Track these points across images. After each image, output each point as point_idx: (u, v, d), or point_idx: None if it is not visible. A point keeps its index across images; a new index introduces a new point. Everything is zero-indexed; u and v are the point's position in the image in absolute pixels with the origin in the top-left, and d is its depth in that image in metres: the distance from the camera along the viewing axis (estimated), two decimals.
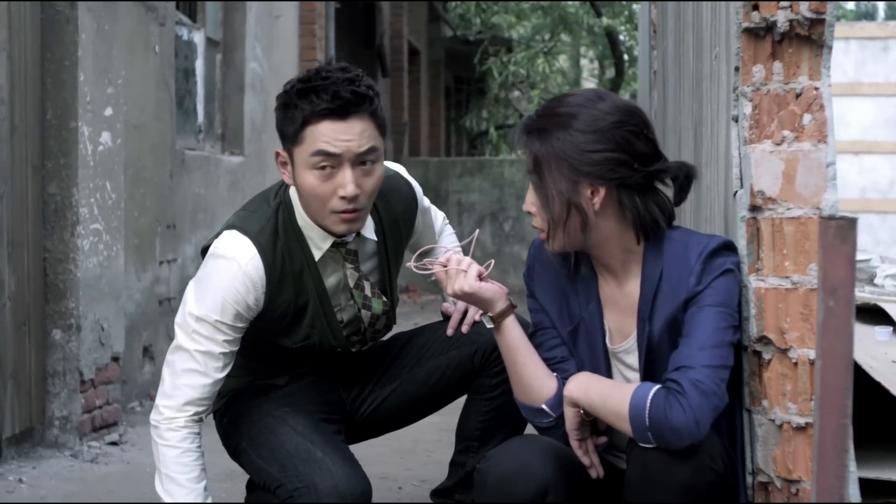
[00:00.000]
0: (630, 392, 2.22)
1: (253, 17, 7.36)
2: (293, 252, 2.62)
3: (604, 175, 2.27)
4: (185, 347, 2.59)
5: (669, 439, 2.17)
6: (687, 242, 2.32)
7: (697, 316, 2.26)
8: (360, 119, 2.48)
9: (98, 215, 4.61)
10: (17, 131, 4.18)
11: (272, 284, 2.60)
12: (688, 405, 2.16)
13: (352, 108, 2.46)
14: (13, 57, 4.13)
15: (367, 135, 2.49)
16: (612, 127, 2.28)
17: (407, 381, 2.89)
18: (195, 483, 2.61)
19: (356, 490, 2.54)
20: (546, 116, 2.33)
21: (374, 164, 2.53)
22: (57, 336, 4.46)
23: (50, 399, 4.46)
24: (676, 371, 2.21)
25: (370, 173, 2.52)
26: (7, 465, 4.17)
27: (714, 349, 2.23)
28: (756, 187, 2.31)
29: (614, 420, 2.25)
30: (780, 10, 2.30)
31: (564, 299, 2.44)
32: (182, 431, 2.60)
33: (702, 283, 2.27)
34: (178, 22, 6.33)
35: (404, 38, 13.31)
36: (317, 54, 8.51)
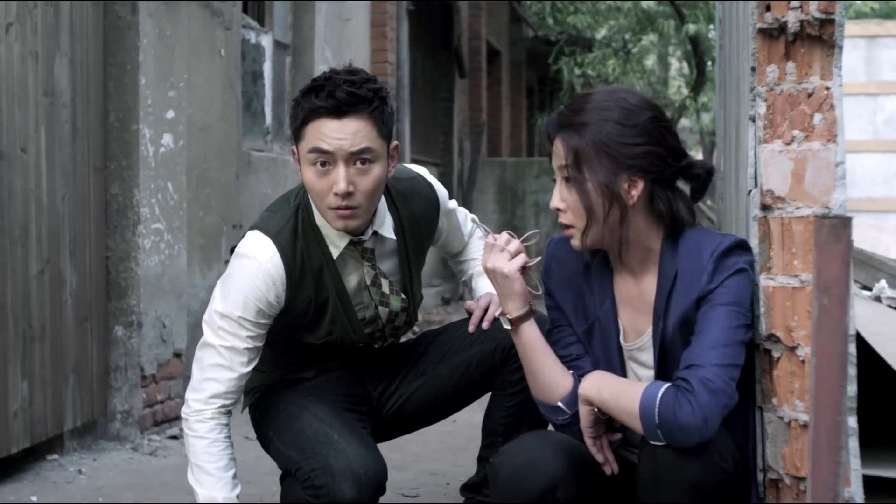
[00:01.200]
0: (641, 390, 2.25)
1: (322, 20, 7.47)
2: (312, 251, 2.70)
3: (643, 168, 2.31)
4: (211, 344, 2.69)
5: (678, 437, 2.19)
6: (701, 241, 2.34)
7: (709, 314, 2.28)
8: (357, 119, 2.55)
9: (160, 215, 4.74)
10: (80, 134, 4.31)
11: (292, 282, 2.68)
12: (696, 403, 2.18)
13: (347, 108, 2.53)
14: (75, 62, 4.27)
15: (362, 135, 2.56)
16: (648, 121, 2.32)
17: (432, 377, 2.95)
18: (223, 472, 2.70)
19: (370, 470, 2.60)
20: (580, 112, 2.36)
21: (371, 164, 2.58)
22: (119, 332, 4.60)
23: (112, 393, 4.60)
24: (687, 369, 2.23)
25: (365, 173, 2.58)
26: (69, 456, 4.31)
27: (724, 348, 2.24)
28: (765, 186, 2.32)
29: (626, 418, 2.28)
30: (790, 11, 2.31)
31: (580, 297, 2.47)
32: (209, 423, 2.70)
33: (713, 281, 2.29)
34: (246, 26, 6.45)
35: (482, 38, 13.35)
36: (388, 56, 8.60)
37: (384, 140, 2.61)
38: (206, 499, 2.70)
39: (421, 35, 11.16)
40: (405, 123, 9.00)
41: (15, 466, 4.04)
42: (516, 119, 17.08)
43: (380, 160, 2.61)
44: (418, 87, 11.11)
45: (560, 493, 2.33)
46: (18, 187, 3.90)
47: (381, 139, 2.60)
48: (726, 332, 2.25)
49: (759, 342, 2.34)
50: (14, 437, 3.89)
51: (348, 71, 2.61)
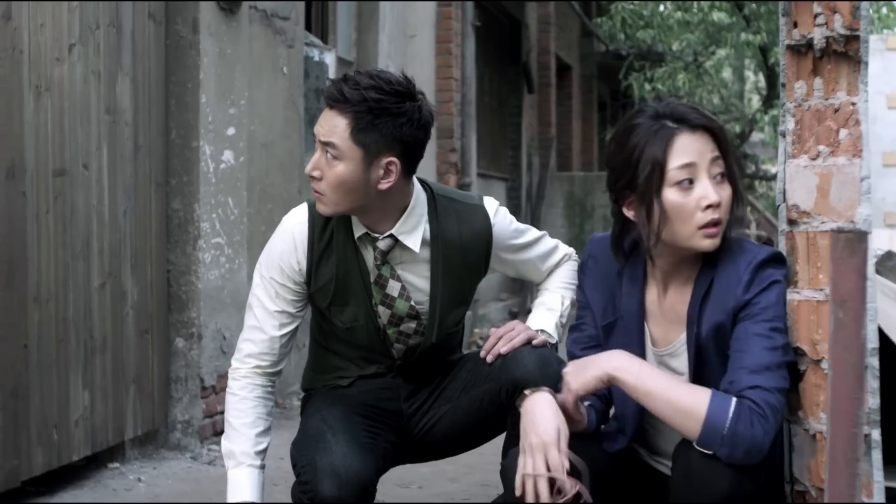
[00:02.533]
0: (703, 394, 2.23)
1: (386, 37, 7.57)
2: (342, 231, 2.80)
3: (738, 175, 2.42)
4: (250, 304, 2.87)
5: (741, 454, 2.19)
6: (737, 252, 2.36)
7: (755, 331, 2.28)
8: (337, 114, 2.65)
9: (220, 230, 4.85)
10: (141, 150, 4.44)
11: (314, 251, 2.79)
12: (768, 427, 2.20)
13: (332, 103, 2.66)
14: (137, 81, 4.39)
15: (332, 130, 2.66)
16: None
17: (455, 405, 2.95)
18: (248, 428, 2.82)
19: (350, 470, 2.63)
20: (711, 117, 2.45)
21: (336, 160, 2.65)
22: (179, 344, 4.71)
23: (173, 404, 4.72)
24: (753, 390, 2.22)
25: (330, 165, 2.66)
26: (130, 464, 4.43)
27: (779, 370, 2.27)
28: (791, 201, 2.35)
29: (675, 416, 2.24)
30: (816, 28, 2.34)
31: (611, 297, 2.51)
32: (242, 381, 2.84)
33: (749, 292, 2.31)
34: (309, 44, 6.57)
35: (552, 53, 13.38)
36: (453, 72, 8.68)
37: (358, 145, 2.65)
38: (225, 450, 2.83)
39: (489, 51, 11.23)
40: (471, 139, 9.07)
41: (77, 474, 4.17)
42: (587, 133, 17.08)
43: (345, 160, 2.65)
44: (486, 102, 11.18)
45: None
46: (81, 203, 4.02)
47: (352, 143, 2.64)
48: (776, 354, 2.27)
49: None
50: (75, 445, 4.01)
51: (372, 74, 2.69)
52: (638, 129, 2.37)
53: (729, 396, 2.23)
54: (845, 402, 1.99)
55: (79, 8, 4.00)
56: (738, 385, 2.25)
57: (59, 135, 3.89)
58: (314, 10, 6.90)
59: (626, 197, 2.40)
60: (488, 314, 9.88)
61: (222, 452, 2.86)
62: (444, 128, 8.66)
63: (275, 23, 5.67)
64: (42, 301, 3.80)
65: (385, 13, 7.57)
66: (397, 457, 2.98)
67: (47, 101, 3.82)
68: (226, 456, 2.84)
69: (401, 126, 2.65)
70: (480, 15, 10.21)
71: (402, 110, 2.65)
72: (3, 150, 3.60)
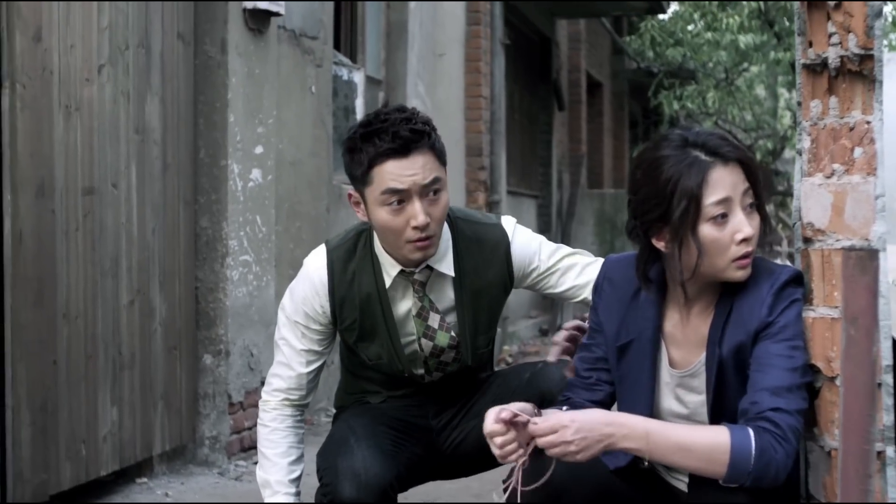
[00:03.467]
0: (725, 435, 2.22)
1: (415, 56, 7.62)
2: (365, 274, 2.81)
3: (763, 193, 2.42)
4: (277, 342, 2.91)
5: (769, 481, 2.20)
6: (760, 273, 2.36)
7: (776, 350, 2.28)
8: (421, 154, 2.63)
9: (248, 247, 4.90)
10: (170, 169, 4.50)
11: (336, 296, 2.81)
12: (790, 449, 2.21)
13: (412, 145, 2.61)
14: (166, 100, 4.45)
15: (428, 167, 2.64)
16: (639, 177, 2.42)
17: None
18: (281, 458, 2.88)
19: (370, 472, 2.67)
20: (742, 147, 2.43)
21: (439, 192, 2.68)
22: (207, 360, 4.76)
23: (200, 420, 4.76)
24: (774, 412, 2.22)
25: (436, 202, 2.67)
26: (157, 479, 4.48)
27: (799, 391, 2.26)
28: (806, 219, 2.36)
29: (699, 464, 2.23)
30: (830, 47, 2.35)
31: (624, 319, 2.50)
32: (272, 413, 2.91)
33: (773, 313, 2.31)
34: (338, 63, 6.63)
35: (582, 71, 13.41)
36: (482, 90, 8.71)
37: (444, 166, 2.71)
38: (261, 480, 2.90)
39: (519, 68, 11.27)
40: (501, 157, 9.09)
41: (105, 488, 4.22)
42: (619, 150, 17.07)
43: (445, 187, 2.71)
44: (516, 120, 11.20)
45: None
46: (110, 221, 4.08)
47: (442, 167, 2.70)
48: (796, 374, 2.27)
49: None
50: (104, 460, 4.06)
51: (397, 109, 2.70)
52: (668, 160, 2.32)
53: (746, 429, 2.22)
54: (857, 419, 2.00)
55: (108, 29, 4.06)
56: (759, 406, 2.25)
57: (88, 154, 3.95)
58: (343, 30, 6.96)
59: (658, 230, 2.37)
60: (518, 331, 9.89)
61: (258, 482, 2.91)
62: (473, 146, 8.69)
63: (303, 42, 5.72)
64: (71, 317, 3.85)
65: (414, 32, 7.62)
66: (423, 470, 3.00)
67: (77, 120, 3.88)
68: (261, 486, 2.89)
69: (439, 142, 2.72)
70: (510, 33, 10.24)
71: (434, 127, 2.71)
72: (34, 168, 3.66)
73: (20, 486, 3.60)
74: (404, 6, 7.53)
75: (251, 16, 4.89)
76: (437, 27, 8.10)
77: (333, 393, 3.26)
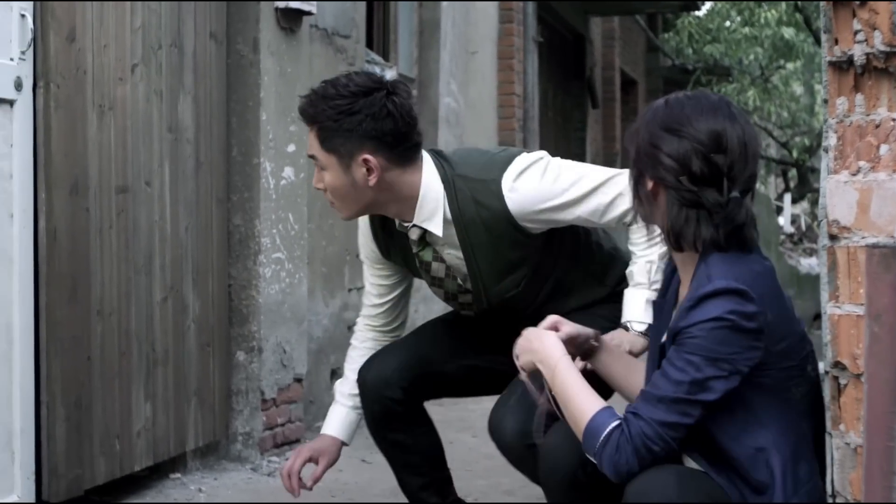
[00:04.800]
0: (595, 409, 2.34)
1: (447, 54, 7.64)
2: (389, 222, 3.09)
3: (654, 173, 2.36)
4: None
5: (610, 473, 2.30)
6: (711, 272, 2.32)
7: (673, 359, 2.28)
8: (310, 130, 2.91)
9: (280, 245, 4.94)
10: (203, 168, 4.54)
11: (380, 241, 3.13)
12: (631, 459, 2.26)
13: (302, 120, 2.94)
14: (198, 99, 4.50)
15: (311, 144, 2.91)
16: (679, 136, 2.35)
17: None
18: (352, 373, 3.28)
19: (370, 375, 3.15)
20: (664, 102, 2.44)
21: (321, 170, 2.91)
22: (240, 357, 4.79)
23: (234, 416, 4.80)
24: (634, 416, 2.28)
25: (322, 177, 2.92)
26: (191, 475, 4.52)
27: (674, 405, 2.26)
28: (831, 216, 2.36)
29: (570, 419, 2.40)
30: (856, 44, 2.35)
31: (664, 289, 2.59)
32: (357, 333, 3.35)
33: (686, 319, 2.28)
34: (370, 61, 6.65)
35: (616, 68, 13.39)
36: (515, 88, 8.72)
37: (331, 153, 2.86)
38: (336, 390, 3.34)
39: (553, 66, 11.27)
40: None
41: (139, 484, 4.26)
42: None
43: (328, 169, 2.88)
44: (549, 117, 11.21)
45: (590, 468, 2.40)
46: (143, 219, 4.12)
47: (326, 152, 2.86)
48: (679, 388, 2.26)
49: (827, 369, 2.38)
50: (137, 455, 4.11)
51: (329, 82, 2.89)
52: None
53: (614, 417, 2.30)
54: (881, 416, 2.01)
55: (141, 29, 4.11)
56: (632, 406, 2.32)
57: (121, 152, 3.99)
58: (375, 28, 6.99)
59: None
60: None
61: None
62: (506, 143, 8.70)
63: (335, 41, 5.76)
64: (105, 314, 3.90)
65: (446, 30, 7.65)
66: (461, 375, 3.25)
67: (110, 119, 3.93)
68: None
69: (361, 123, 2.80)
70: (543, 31, 10.25)
71: (356, 108, 2.80)
72: (68, 167, 3.71)
73: (55, 481, 3.65)
74: (437, 5, 7.56)
75: (283, 15, 4.93)
76: (469, 25, 8.12)
77: None
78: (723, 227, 2.36)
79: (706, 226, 2.36)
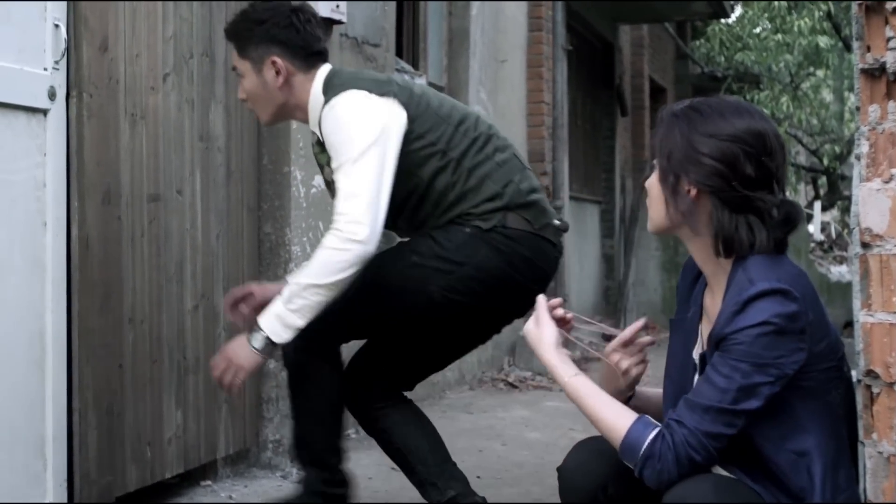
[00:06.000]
0: (626, 425, 2.31)
1: (477, 63, 7.65)
2: None
3: (699, 179, 2.34)
4: None
5: (653, 482, 2.28)
6: (744, 279, 2.30)
7: (720, 366, 2.26)
8: (232, 45, 3.43)
9: (311, 253, 4.92)
10: (233, 176, 4.56)
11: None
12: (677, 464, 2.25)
13: (228, 38, 3.47)
14: (229, 108, 4.52)
15: (232, 57, 3.44)
16: (727, 140, 2.34)
17: None
18: None
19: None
20: (688, 108, 2.41)
21: (242, 78, 3.38)
22: (271, 365, 4.80)
23: (264, 424, 4.82)
24: (679, 424, 2.26)
25: (243, 86, 3.40)
26: (222, 482, 4.54)
27: (720, 415, 2.24)
28: (864, 224, 2.35)
29: (603, 431, 2.37)
30: (888, 51, 2.34)
31: (684, 302, 2.55)
32: None
33: (732, 325, 2.26)
34: (400, 69, 6.67)
35: (645, 76, 13.36)
36: (544, 96, 8.72)
37: (245, 59, 3.35)
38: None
39: (582, 74, 11.27)
40: (563, 162, 9.09)
41: (170, 491, 4.28)
42: None
43: (246, 75, 3.36)
44: (579, 125, 11.20)
45: (611, 490, 2.43)
46: (174, 227, 4.15)
47: (242, 59, 3.36)
48: (728, 396, 2.24)
49: (860, 378, 2.36)
50: (168, 462, 4.13)
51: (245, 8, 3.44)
52: None
53: (651, 427, 2.29)
54: None
55: (173, 39, 4.14)
56: (673, 413, 2.30)
57: (153, 161, 4.02)
58: (405, 37, 7.01)
59: None
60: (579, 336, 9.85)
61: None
62: (536, 151, 8.70)
63: (365, 49, 5.77)
64: (137, 322, 3.92)
65: (476, 39, 7.66)
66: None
67: (142, 128, 3.95)
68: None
69: (268, 30, 3.30)
70: (572, 39, 10.25)
71: (264, 18, 3.31)
72: (100, 175, 3.73)
73: (87, 488, 3.67)
74: (466, 13, 7.57)
75: None
76: (498, 33, 8.13)
77: None
78: (780, 229, 2.37)
79: (759, 229, 2.34)
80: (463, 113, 3.38)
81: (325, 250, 3.11)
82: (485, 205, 3.25)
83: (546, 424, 5.91)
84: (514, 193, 3.28)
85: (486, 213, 3.25)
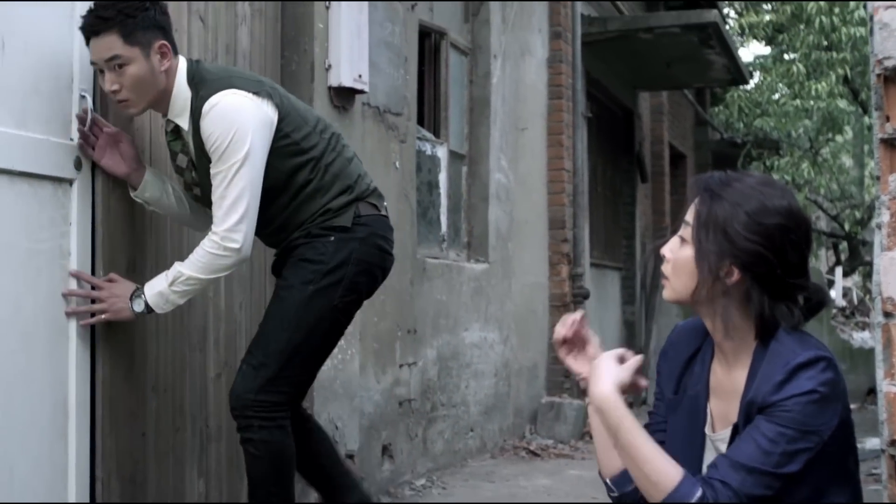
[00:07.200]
0: (677, 478, 2.27)
1: (497, 131, 7.71)
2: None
3: (745, 263, 2.34)
4: None
5: None
6: (785, 349, 2.32)
7: (762, 426, 2.27)
8: (105, 35, 3.33)
9: None
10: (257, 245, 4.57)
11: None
12: None
13: (97, 30, 3.34)
14: None
15: (111, 47, 3.33)
16: (775, 228, 2.36)
17: None
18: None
19: None
20: (726, 185, 2.40)
21: (123, 66, 3.35)
22: None
23: None
24: (723, 485, 2.24)
25: (122, 73, 3.36)
26: None
27: (761, 476, 2.24)
28: (886, 293, 2.35)
29: (640, 481, 2.32)
30: None
31: (681, 379, 2.53)
32: None
33: (779, 393, 2.27)
34: (422, 138, 6.73)
35: (665, 143, 13.41)
36: (564, 163, 8.76)
37: (134, 45, 3.34)
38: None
39: (602, 141, 11.32)
40: (584, 229, 9.11)
41: None
42: None
43: (133, 62, 3.36)
44: (599, 192, 11.23)
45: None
46: (198, 296, 4.16)
47: (129, 46, 3.34)
48: (768, 459, 2.24)
49: (883, 448, 2.35)
50: None
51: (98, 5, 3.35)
52: None
53: (698, 485, 2.25)
54: None
55: None
56: (714, 472, 2.28)
57: (177, 231, 4.05)
58: (426, 105, 7.07)
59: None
60: None
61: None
62: (556, 218, 8.72)
63: (387, 118, 5.83)
64: (160, 390, 3.94)
65: (496, 107, 7.72)
66: None
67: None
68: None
69: (154, 16, 3.38)
70: (592, 106, 10.32)
71: (146, 5, 3.36)
72: (125, 245, 3.76)
73: None
74: (487, 82, 7.64)
75: (336, 94, 5.00)
76: (519, 102, 8.19)
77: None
78: (812, 312, 2.40)
79: (796, 310, 2.37)
80: (316, 115, 3.76)
81: (207, 254, 3.48)
82: (339, 198, 3.63)
83: (568, 493, 5.86)
84: (362, 185, 3.72)
85: (342, 206, 3.63)
